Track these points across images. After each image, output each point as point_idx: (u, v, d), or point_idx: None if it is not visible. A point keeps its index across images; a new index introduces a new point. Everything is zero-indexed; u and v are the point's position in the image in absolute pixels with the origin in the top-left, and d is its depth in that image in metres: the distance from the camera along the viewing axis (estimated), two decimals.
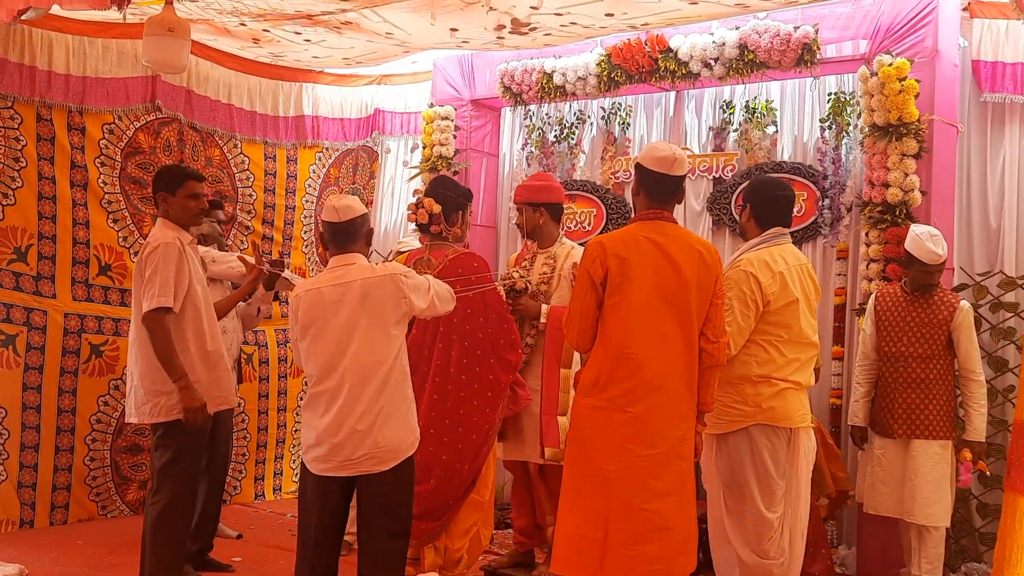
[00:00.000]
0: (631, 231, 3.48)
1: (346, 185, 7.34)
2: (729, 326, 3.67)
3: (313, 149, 7.10)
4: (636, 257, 3.39)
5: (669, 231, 3.46)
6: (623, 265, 3.38)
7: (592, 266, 3.42)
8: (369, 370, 3.41)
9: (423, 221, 4.36)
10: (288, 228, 6.96)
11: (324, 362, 3.45)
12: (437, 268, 4.31)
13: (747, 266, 3.78)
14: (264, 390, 6.79)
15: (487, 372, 4.27)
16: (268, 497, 6.80)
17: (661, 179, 3.48)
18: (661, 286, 3.39)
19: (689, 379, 3.43)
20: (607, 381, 3.39)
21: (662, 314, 3.38)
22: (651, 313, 3.37)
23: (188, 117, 6.30)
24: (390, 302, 3.45)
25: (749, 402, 3.76)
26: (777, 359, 3.79)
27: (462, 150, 6.86)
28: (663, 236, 3.43)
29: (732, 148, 6.11)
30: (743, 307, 3.73)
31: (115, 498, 5.92)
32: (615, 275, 3.39)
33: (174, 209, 4.20)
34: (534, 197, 4.76)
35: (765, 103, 5.97)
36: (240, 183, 6.66)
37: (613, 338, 3.40)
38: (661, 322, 3.38)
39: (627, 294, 3.38)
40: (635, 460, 3.34)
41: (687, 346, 3.41)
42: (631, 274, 3.38)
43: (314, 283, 3.54)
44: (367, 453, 3.39)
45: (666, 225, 3.48)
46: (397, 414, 3.45)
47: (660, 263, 3.39)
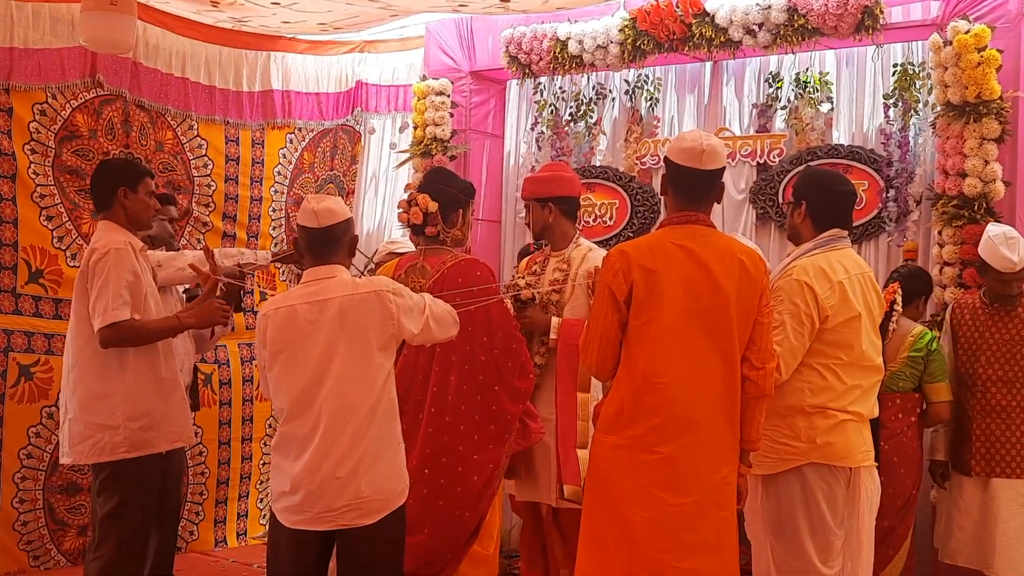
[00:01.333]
0: (659, 238, 3.49)
1: (323, 172, 7.37)
2: (779, 346, 3.68)
3: (283, 130, 7.13)
4: (666, 269, 3.39)
5: (704, 237, 3.46)
6: (651, 279, 3.39)
7: (614, 281, 3.42)
8: (351, 404, 3.42)
9: (417, 221, 4.36)
10: (253, 224, 6.99)
11: (297, 394, 3.45)
12: (433, 277, 4.33)
13: (801, 275, 3.79)
14: (226, 416, 6.82)
15: (492, 401, 4.28)
16: (231, 544, 6.81)
17: (691, 175, 3.48)
18: (696, 303, 3.39)
19: (730, 413, 3.43)
20: (632, 415, 3.40)
21: (697, 336, 3.39)
22: (684, 335, 3.39)
23: (135, 94, 6.32)
24: (375, 324, 3.46)
25: (802, 437, 3.77)
26: (835, 386, 3.79)
27: (460, 131, 6.87)
28: (697, 243, 3.44)
29: (779, 129, 6.14)
30: (796, 324, 3.73)
31: (49, 547, 5.93)
32: (641, 291, 3.39)
33: (134, 208, 4.21)
34: (541, 191, 4.78)
35: (819, 76, 5.99)
36: (196, 171, 6.68)
37: (639, 365, 3.41)
38: (696, 346, 3.39)
39: (656, 313, 3.39)
40: (666, 510, 3.34)
41: (727, 373, 3.42)
42: (660, 289, 3.38)
43: (285, 299, 3.54)
44: (349, 503, 3.39)
45: (701, 230, 3.48)
46: (385, 457, 3.46)
47: (694, 275, 3.40)
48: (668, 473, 3.36)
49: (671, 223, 3.51)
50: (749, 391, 3.47)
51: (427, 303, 3.60)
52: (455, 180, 4.58)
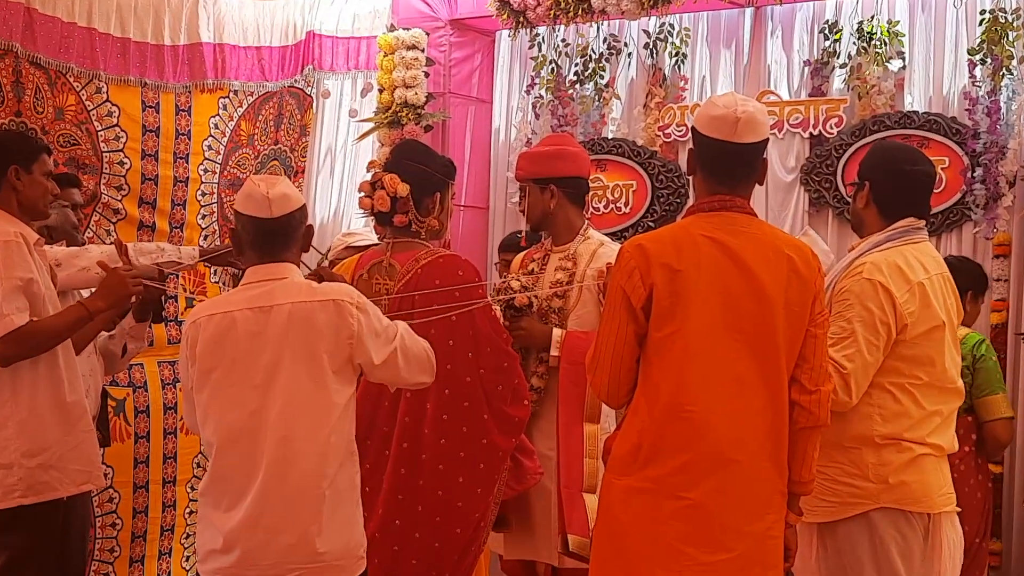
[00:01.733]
0: (686, 228, 3.49)
1: (265, 146, 7.33)
2: (849, 362, 3.72)
3: (215, 93, 7.06)
4: (695, 267, 3.39)
5: (743, 227, 3.47)
6: (675, 280, 3.38)
7: (629, 282, 3.42)
8: (300, 440, 3.42)
9: (383, 208, 4.35)
10: (177, 212, 6.91)
11: (232, 426, 3.45)
12: (403, 278, 4.33)
13: (873, 273, 3.81)
14: (142, 454, 6.72)
15: (479, 434, 4.26)
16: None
17: (724, 150, 3.48)
18: (733, 310, 3.40)
19: (775, 448, 3.44)
20: (652, 452, 3.40)
21: (735, 351, 3.39)
22: (718, 350, 3.39)
23: (28, 48, 6.18)
24: (330, 341, 3.46)
25: (870, 475, 3.78)
26: (912, 411, 3.81)
27: (438, 95, 6.92)
28: (734, 235, 3.44)
29: (838, 92, 6.21)
30: (870, 334, 3.76)
31: None
32: (664, 296, 3.39)
33: (28, 192, 4.24)
34: (541, 170, 4.80)
35: (887, 26, 6.04)
36: (106, 145, 6.59)
37: (662, 388, 3.41)
38: (733, 363, 3.39)
39: (682, 323, 3.38)
40: (696, 570, 3.33)
41: (772, 398, 3.42)
42: (688, 293, 3.38)
43: (221, 304, 3.54)
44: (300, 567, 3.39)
45: (738, 218, 3.48)
46: (344, 508, 3.47)
47: (730, 275, 3.40)
48: (698, 524, 3.35)
49: (701, 210, 3.52)
50: (800, 420, 3.47)
51: (400, 332, 3.60)
52: (431, 156, 4.56)
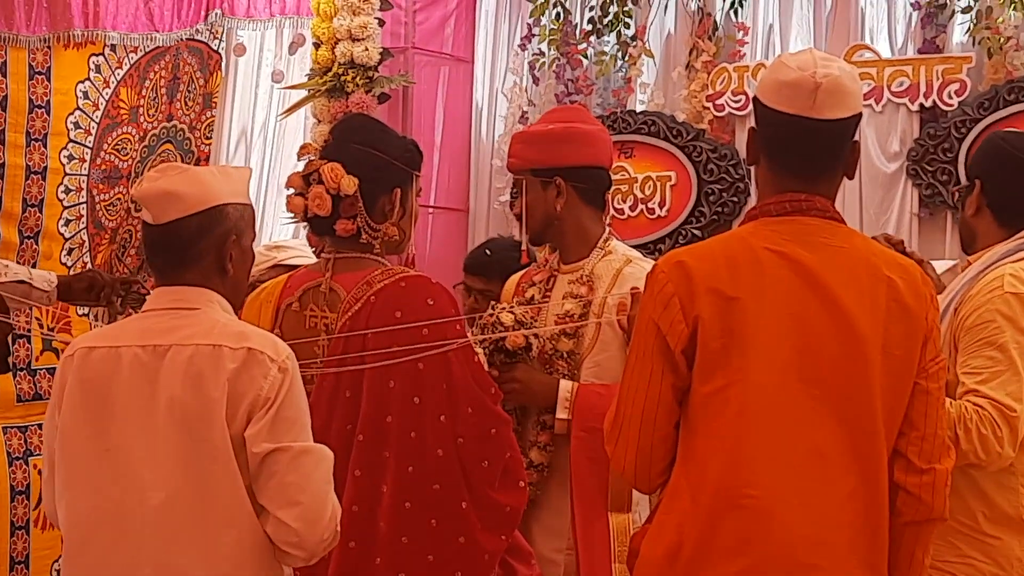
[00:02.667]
0: (745, 240, 3.48)
1: (155, 123, 7.42)
2: (1018, 401, 3.88)
3: (85, 49, 7.18)
4: (757, 296, 3.38)
5: (825, 238, 3.46)
6: (731, 313, 3.36)
7: (666, 316, 3.40)
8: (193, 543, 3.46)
9: (321, 211, 4.31)
10: (31, 215, 6.99)
11: (95, 505, 3.51)
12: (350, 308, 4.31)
13: (1015, 286, 3.93)
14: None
15: (455, 530, 4.21)
16: None
17: (798, 129, 3.45)
18: (810, 356, 3.37)
19: (870, 548, 3.40)
20: (699, 554, 3.36)
21: (812, 414, 3.37)
22: (790, 413, 3.37)
23: None
24: (230, 402, 3.45)
25: (1011, 569, 3.89)
26: None
27: (398, 50, 7.16)
28: (812, 250, 3.42)
29: (959, 48, 6.42)
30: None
31: None
32: (714, 335, 3.36)
33: None
34: (544, 157, 4.84)
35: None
36: None
37: (710, 466, 3.38)
38: (811, 431, 3.36)
39: (741, 374, 3.36)
40: None
41: (866, 480, 3.39)
42: (748, 332, 3.36)
43: (109, 335, 3.65)
44: None
45: (819, 226, 3.47)
46: None
47: (808, 307, 3.38)
48: None
49: (766, 214, 3.50)
50: (905, 511, 3.44)
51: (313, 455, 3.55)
52: (389, 138, 4.54)
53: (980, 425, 3.85)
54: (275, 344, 3.54)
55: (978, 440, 3.85)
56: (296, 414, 3.51)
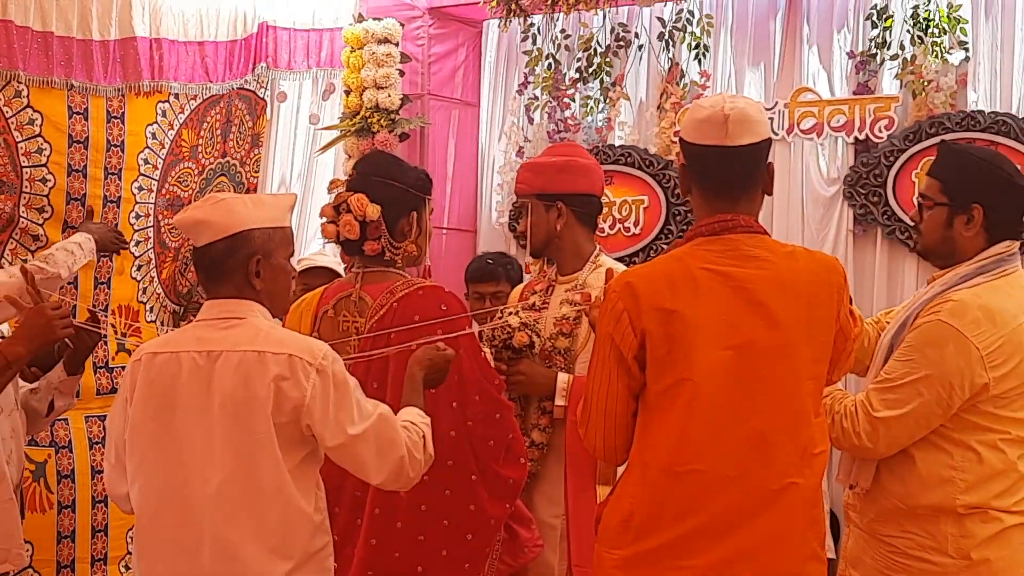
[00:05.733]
0: (682, 260, 3.46)
1: (211, 159, 7.28)
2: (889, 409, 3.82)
3: (152, 97, 7.00)
4: (693, 308, 3.36)
5: (750, 250, 3.44)
6: (673, 324, 3.36)
7: (618, 329, 3.42)
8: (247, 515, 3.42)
9: (351, 236, 4.29)
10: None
11: (161, 488, 3.49)
12: (376, 314, 4.30)
13: (955, 318, 3.80)
14: (67, 526, 6.67)
15: (467, 499, 4.23)
16: None
17: (716, 157, 3.44)
18: (745, 354, 3.37)
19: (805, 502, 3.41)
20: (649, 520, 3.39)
21: (751, 403, 3.36)
22: (731, 403, 3.37)
23: None
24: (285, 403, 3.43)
25: (950, 550, 3.79)
26: (1004, 474, 3.81)
27: (416, 96, 7.11)
28: (741, 262, 3.41)
29: (888, 89, 6.32)
30: (931, 390, 3.78)
31: None
32: (659, 344, 3.37)
33: None
34: (549, 185, 4.77)
35: (946, 12, 6.10)
36: (27, 159, 6.52)
37: (660, 449, 3.39)
38: (750, 417, 3.36)
39: (686, 373, 3.37)
40: None
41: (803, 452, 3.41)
42: (690, 338, 3.35)
43: (169, 343, 3.59)
44: None
45: (744, 241, 3.43)
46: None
47: (740, 314, 3.38)
48: None
49: (700, 234, 3.50)
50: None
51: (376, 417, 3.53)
52: (402, 169, 4.52)
53: (843, 419, 3.88)
54: (311, 348, 3.53)
55: (839, 430, 3.88)
56: (346, 401, 3.50)
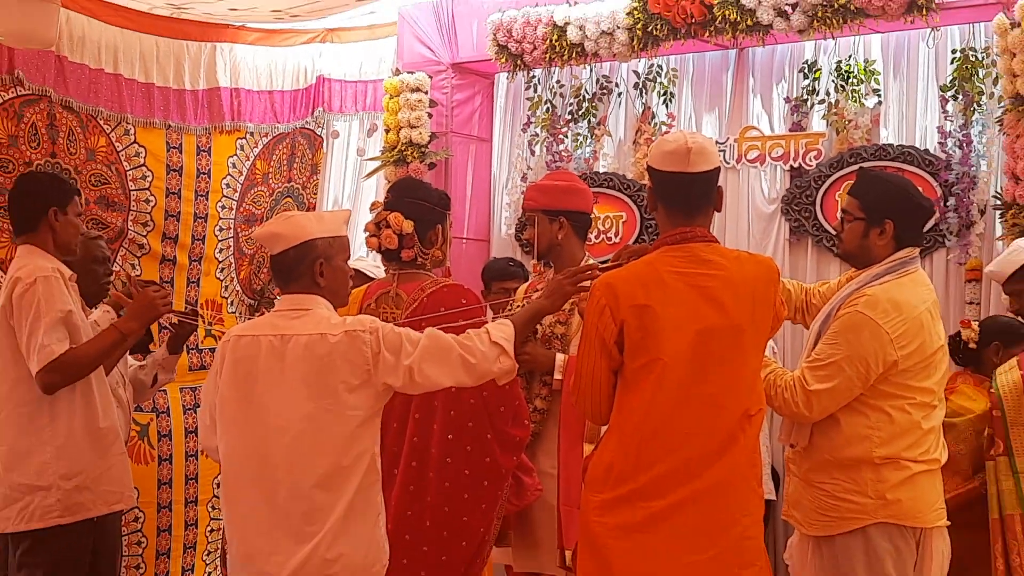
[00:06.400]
0: (652, 266, 3.48)
1: (279, 184, 7.36)
2: (819, 383, 3.76)
3: (232, 134, 7.10)
4: (662, 304, 3.39)
5: (706, 256, 3.47)
6: (645, 317, 3.39)
7: (601, 321, 3.44)
8: (313, 465, 3.43)
9: (391, 246, 4.32)
10: (197, 246, 6.93)
11: (245, 443, 3.50)
12: (410, 306, 4.30)
13: (868, 308, 3.79)
14: (166, 475, 6.73)
15: (482, 453, 4.23)
16: None
17: (680, 181, 3.46)
18: (703, 338, 3.40)
19: (748, 457, 3.43)
20: (626, 470, 3.40)
21: (706, 376, 3.40)
22: (691, 376, 3.40)
23: (61, 93, 6.21)
24: (345, 370, 3.45)
25: (869, 492, 3.76)
26: (910, 431, 3.80)
27: (441, 134, 6.95)
28: (699, 266, 3.44)
29: (817, 128, 6.21)
30: (850, 365, 3.75)
31: None
32: (635, 332, 3.40)
33: (64, 232, 4.29)
34: (553, 202, 4.75)
35: (863, 65, 6.05)
36: (134, 184, 6.61)
37: (636, 413, 3.42)
38: (705, 386, 3.39)
39: (656, 354, 3.40)
40: (671, 571, 3.33)
41: (746, 411, 3.43)
42: (659, 327, 3.39)
43: (252, 328, 3.61)
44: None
45: (701, 249, 3.47)
46: (356, 528, 3.45)
47: (699, 308, 3.41)
48: (673, 527, 3.36)
49: (666, 243, 3.51)
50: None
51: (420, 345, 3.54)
52: (429, 191, 4.56)
53: (784, 391, 3.81)
54: (360, 321, 3.53)
55: (781, 400, 3.82)
56: (398, 344, 3.50)
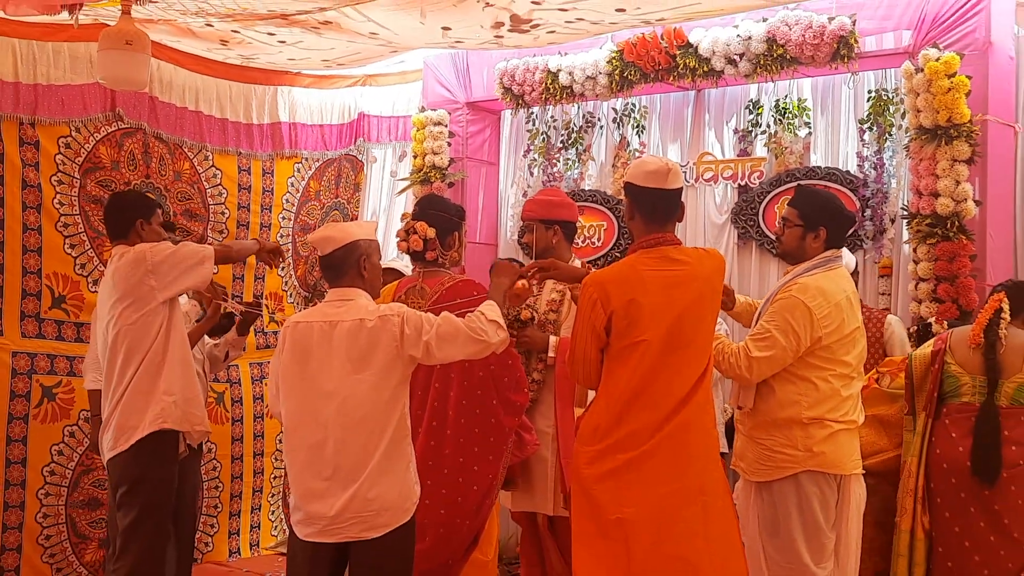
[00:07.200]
0: (633, 266, 3.47)
1: (328, 199, 7.37)
2: (760, 351, 3.75)
3: (291, 160, 7.14)
4: (643, 296, 3.38)
5: (675, 256, 3.48)
6: (630, 308, 3.38)
7: (592, 312, 3.42)
8: (356, 423, 3.43)
9: (417, 248, 4.35)
10: None
11: (302, 407, 3.50)
12: (432, 297, 4.33)
13: (801, 293, 3.79)
14: (238, 433, 6.79)
15: (489, 415, 4.25)
16: (244, 554, 6.77)
17: (658, 196, 3.47)
18: (676, 322, 3.40)
19: (704, 402, 3.45)
20: (610, 426, 3.41)
21: (676, 351, 3.40)
22: (664, 352, 3.39)
23: (153, 127, 6.28)
24: (382, 346, 3.47)
25: (799, 446, 3.77)
26: (832, 397, 3.80)
27: (458, 159, 6.90)
28: (670, 264, 3.45)
29: (760, 152, 6.15)
30: (784, 337, 3.74)
31: (71, 559, 5.88)
32: (621, 320, 3.39)
33: (148, 238, 4.32)
34: (548, 214, 4.72)
35: (797, 103, 6.01)
36: (211, 199, 6.67)
37: (619, 384, 3.42)
38: (674, 358, 3.40)
39: (638, 337, 3.39)
40: (646, 501, 3.35)
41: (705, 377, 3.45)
42: (640, 315, 3.38)
43: (307, 315, 3.60)
44: (354, 517, 3.39)
45: (670, 251, 3.48)
46: (391, 473, 3.45)
47: (674, 298, 3.40)
48: (644, 470, 3.36)
49: (642, 247, 3.50)
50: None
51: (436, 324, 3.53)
52: (447, 204, 4.57)
53: (731, 357, 3.78)
54: (391, 306, 3.54)
55: (728, 365, 3.79)
56: (419, 324, 3.50)
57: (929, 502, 4.28)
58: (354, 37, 5.71)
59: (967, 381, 4.28)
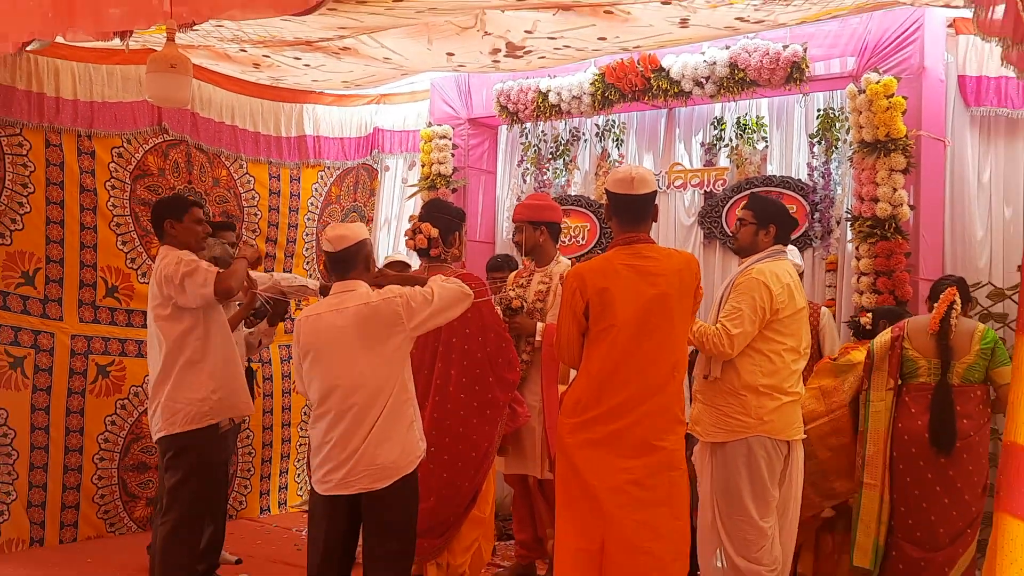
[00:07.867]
0: (609, 259, 3.46)
1: (347, 203, 7.32)
2: (736, 328, 3.74)
3: (315, 168, 7.09)
4: (615, 286, 3.38)
5: (646, 253, 3.45)
6: (604, 295, 3.38)
7: (573, 299, 3.43)
8: (368, 395, 3.43)
9: (423, 246, 4.33)
10: (290, 246, 6.95)
11: (322, 386, 3.48)
12: None
13: (759, 275, 3.82)
14: (268, 406, 6.78)
15: (486, 391, 4.26)
16: (273, 511, 6.76)
17: (628, 200, 3.46)
18: (645, 311, 3.38)
19: (673, 393, 3.42)
20: (588, 402, 3.40)
21: (645, 336, 3.38)
22: (634, 336, 3.37)
23: (195, 139, 6.26)
24: (386, 326, 3.45)
25: (751, 414, 3.77)
26: (782, 369, 3.81)
27: (460, 168, 6.86)
28: (642, 260, 3.43)
29: (723, 163, 6.11)
30: (752, 313, 3.76)
31: (122, 515, 5.90)
32: (596, 306, 3.39)
33: (181, 234, 4.25)
34: (535, 216, 4.74)
35: (755, 120, 5.98)
36: (246, 203, 6.65)
37: (596, 363, 3.40)
38: (644, 344, 3.38)
39: (611, 321, 3.38)
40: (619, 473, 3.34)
41: (670, 361, 3.42)
42: (613, 302, 3.37)
43: (315, 309, 3.56)
44: (364, 471, 3.41)
45: (643, 248, 3.46)
46: (395, 434, 3.45)
47: (641, 289, 3.38)
48: (619, 442, 3.36)
49: (618, 244, 3.50)
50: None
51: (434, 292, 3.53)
52: (449, 207, 4.53)
53: (712, 337, 3.76)
54: (391, 290, 3.50)
55: (711, 345, 3.76)
56: (420, 301, 3.48)
57: (892, 468, 4.28)
58: (370, 61, 5.70)
59: (923, 364, 4.25)
